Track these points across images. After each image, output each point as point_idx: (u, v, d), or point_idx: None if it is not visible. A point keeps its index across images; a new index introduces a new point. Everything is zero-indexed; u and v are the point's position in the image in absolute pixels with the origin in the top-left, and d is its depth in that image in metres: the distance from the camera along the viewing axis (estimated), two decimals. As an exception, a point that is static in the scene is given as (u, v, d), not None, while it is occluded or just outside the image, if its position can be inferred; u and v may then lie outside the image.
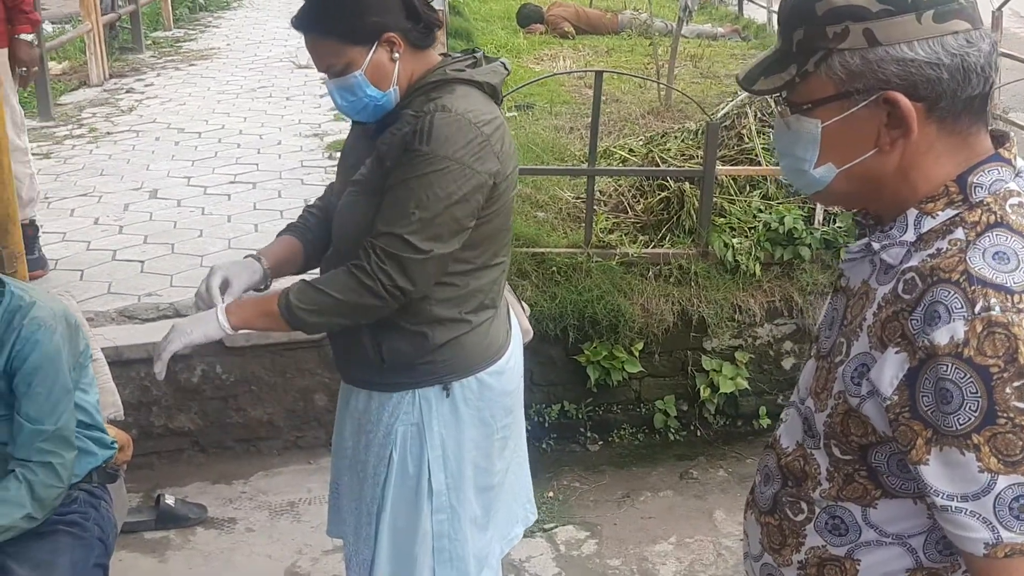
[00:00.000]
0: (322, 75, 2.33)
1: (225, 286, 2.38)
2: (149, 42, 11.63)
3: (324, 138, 7.62)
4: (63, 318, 2.72)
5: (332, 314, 2.28)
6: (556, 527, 3.96)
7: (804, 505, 1.48)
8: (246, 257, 2.47)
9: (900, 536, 1.39)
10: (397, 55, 2.25)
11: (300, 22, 2.29)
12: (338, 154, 7.42)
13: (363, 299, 2.23)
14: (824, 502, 1.45)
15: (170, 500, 3.98)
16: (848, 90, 1.33)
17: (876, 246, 1.39)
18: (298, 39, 9.80)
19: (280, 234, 2.60)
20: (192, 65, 10.55)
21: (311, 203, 2.66)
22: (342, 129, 7.83)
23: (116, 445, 3.04)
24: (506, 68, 2.43)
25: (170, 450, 4.41)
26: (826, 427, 1.42)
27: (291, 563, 3.72)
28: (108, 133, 7.86)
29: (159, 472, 4.29)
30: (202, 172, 6.82)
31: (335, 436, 2.66)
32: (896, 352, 1.29)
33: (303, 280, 2.31)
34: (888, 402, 1.29)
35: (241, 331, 2.32)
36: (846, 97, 1.34)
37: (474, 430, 2.45)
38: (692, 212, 5.11)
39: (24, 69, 5.05)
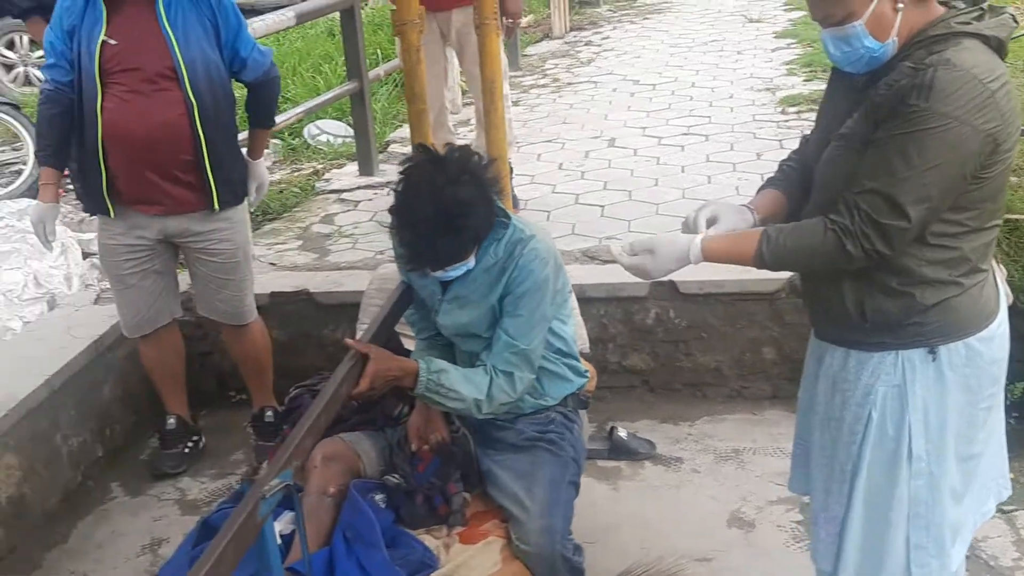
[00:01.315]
0: (815, 23, 2.31)
1: (712, 222, 2.45)
2: (606, -4, 12.10)
3: (776, 92, 7.56)
4: (554, 254, 2.95)
5: (801, 264, 2.32)
6: (1017, 510, 3.73)
7: None
8: (741, 205, 2.53)
9: None
10: (900, 6, 2.18)
11: None
12: (791, 109, 7.32)
13: (836, 256, 2.21)
14: None
15: (622, 433, 4.20)
16: None
17: None
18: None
19: (761, 188, 2.61)
20: (646, 19, 10.84)
21: (786, 157, 2.64)
22: (794, 84, 7.73)
23: (588, 374, 3.26)
24: (1015, 21, 2.30)
25: (622, 386, 4.64)
26: None
27: (735, 508, 3.80)
28: (569, 83, 8.29)
29: (611, 406, 4.52)
30: (656, 123, 7.03)
31: (803, 392, 2.68)
32: None
33: (776, 228, 2.30)
34: None
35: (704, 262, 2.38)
36: None
37: (958, 396, 2.37)
38: None
39: (510, 21, 5.43)
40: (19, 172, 7.05)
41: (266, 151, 6.90)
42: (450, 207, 2.65)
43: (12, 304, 4.84)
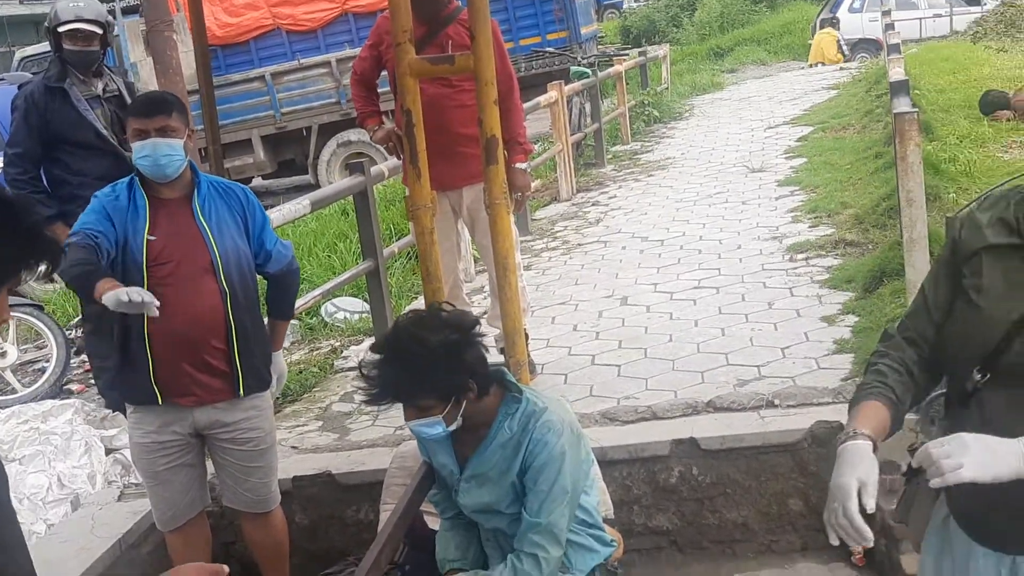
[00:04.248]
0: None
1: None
2: (610, 156, 12.38)
3: (783, 240, 7.66)
4: (570, 425, 2.97)
5: None
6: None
7: None
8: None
9: None
10: None
11: None
12: (799, 255, 7.28)
13: None
14: None
15: (653, 598, 4.13)
16: None
17: None
18: (750, 144, 9.88)
19: (856, 402, 2.23)
20: (650, 176, 11.07)
21: (875, 358, 2.28)
22: (800, 231, 7.85)
23: (615, 543, 3.23)
24: None
25: (649, 548, 4.57)
26: None
27: (776, 670, 3.71)
28: (579, 244, 8.43)
29: (640, 570, 4.45)
30: (667, 278, 7.12)
31: None
32: None
33: None
34: None
35: None
36: None
37: None
38: None
39: (519, 194, 5.56)
40: (42, 371, 7.14)
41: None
42: (416, 347, 2.74)
43: (37, 507, 4.84)
